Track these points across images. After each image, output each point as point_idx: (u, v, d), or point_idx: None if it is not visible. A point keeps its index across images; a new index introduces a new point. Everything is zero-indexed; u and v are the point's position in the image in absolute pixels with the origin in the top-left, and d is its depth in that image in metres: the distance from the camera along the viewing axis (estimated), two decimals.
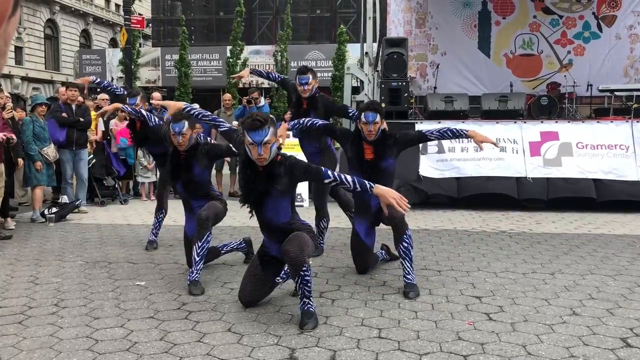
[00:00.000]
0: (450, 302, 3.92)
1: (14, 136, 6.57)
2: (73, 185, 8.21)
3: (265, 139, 3.39)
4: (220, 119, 4.23)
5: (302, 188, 8.60)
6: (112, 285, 4.37)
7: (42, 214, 7.25)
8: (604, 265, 4.94)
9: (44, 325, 3.47)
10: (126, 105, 5.46)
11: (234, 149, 4.42)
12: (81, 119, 8.03)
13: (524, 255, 5.35)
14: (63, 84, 9.21)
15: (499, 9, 11.95)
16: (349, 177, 3.62)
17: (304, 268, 3.41)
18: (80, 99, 8.32)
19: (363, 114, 4.39)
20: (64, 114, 7.87)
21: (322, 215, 5.59)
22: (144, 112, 5.41)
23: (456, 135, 4.48)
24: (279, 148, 3.61)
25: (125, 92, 6.16)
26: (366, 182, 3.61)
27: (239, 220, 7.34)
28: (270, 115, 3.87)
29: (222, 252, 4.91)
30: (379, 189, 3.55)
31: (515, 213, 7.85)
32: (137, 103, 5.66)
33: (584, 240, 6.05)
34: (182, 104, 4.42)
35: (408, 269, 4.11)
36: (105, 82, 6.47)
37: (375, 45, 10.56)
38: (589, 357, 2.93)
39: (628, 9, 11.72)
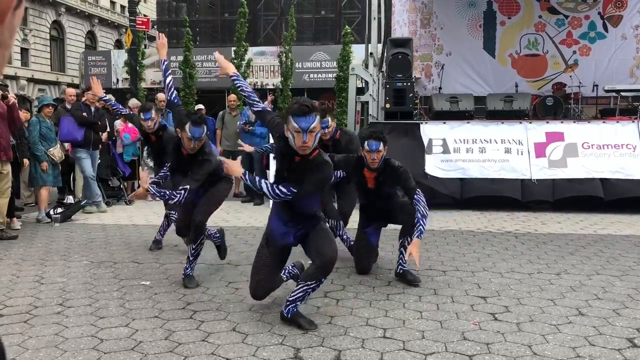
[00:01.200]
0: (456, 302, 3.90)
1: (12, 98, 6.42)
2: (95, 180, 8.18)
3: (312, 126, 3.23)
4: (256, 97, 3.80)
5: None
6: (117, 285, 4.37)
7: (48, 214, 7.27)
8: (610, 265, 4.91)
9: (49, 324, 3.48)
10: (152, 187, 4.46)
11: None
12: (99, 122, 8.13)
13: (530, 255, 5.32)
14: (69, 85, 9.27)
15: (504, 9, 11.92)
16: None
17: (326, 276, 3.46)
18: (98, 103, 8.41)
19: (366, 142, 4.27)
20: (84, 114, 7.93)
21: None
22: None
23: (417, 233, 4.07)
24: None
25: (130, 112, 6.20)
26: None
27: (244, 221, 7.35)
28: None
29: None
30: None
31: (521, 213, 7.82)
32: (153, 117, 5.38)
33: (589, 240, 6.03)
34: (231, 70, 3.96)
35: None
36: (113, 101, 6.35)
37: (380, 45, 10.55)
38: (595, 358, 2.91)
39: (634, 9, 11.67)
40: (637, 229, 6.69)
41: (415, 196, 4.16)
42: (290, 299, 3.47)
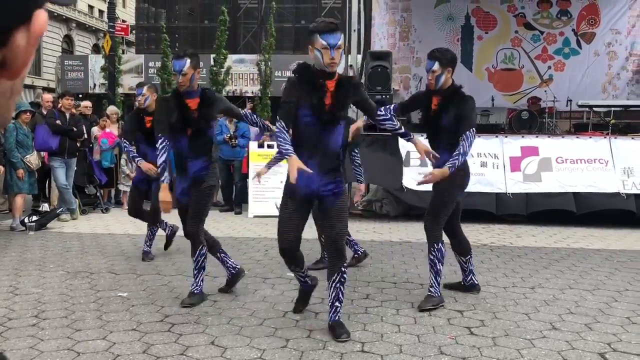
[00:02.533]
0: (433, 315, 3.95)
1: None
2: (70, 190, 8.09)
3: (339, 42, 3.34)
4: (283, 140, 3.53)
5: None
6: (93, 296, 4.33)
7: (22, 222, 7.16)
8: (582, 279, 5.02)
9: (24, 337, 3.43)
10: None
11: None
12: (74, 128, 8.02)
13: (505, 269, 5.41)
14: (44, 89, 9.17)
15: (481, 23, 12.13)
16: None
17: (345, 264, 3.57)
18: (74, 109, 8.35)
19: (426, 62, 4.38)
20: (58, 122, 7.82)
21: None
22: None
23: (403, 135, 4.10)
24: None
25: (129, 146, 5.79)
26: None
27: (222, 231, 7.32)
28: None
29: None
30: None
31: (496, 226, 7.94)
32: (144, 93, 5.55)
33: (563, 254, 6.15)
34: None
35: (431, 281, 4.22)
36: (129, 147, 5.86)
37: (360, 57, 10.64)
38: None
39: (606, 27, 11.98)
40: (608, 243, 6.85)
41: (466, 132, 4.01)
42: (329, 303, 3.58)
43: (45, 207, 7.97)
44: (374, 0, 11.70)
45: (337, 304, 3.54)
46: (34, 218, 7.23)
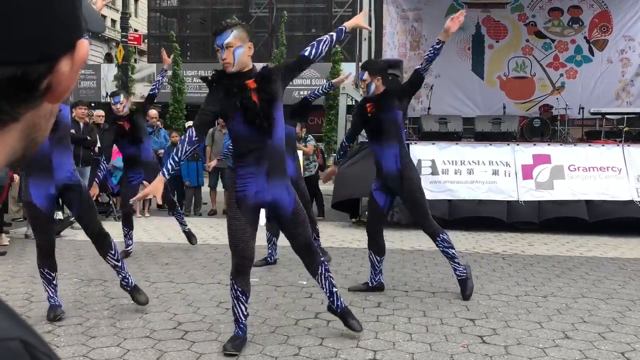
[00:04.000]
0: (445, 324, 3.95)
1: None
2: None
3: (226, 41, 3.23)
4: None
5: None
6: (107, 303, 4.37)
7: None
8: (595, 288, 4.99)
9: None
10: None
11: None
12: (88, 137, 8.13)
13: (517, 277, 5.39)
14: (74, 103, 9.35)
15: (492, 33, 12.14)
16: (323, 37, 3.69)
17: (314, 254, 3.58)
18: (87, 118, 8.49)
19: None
20: (72, 131, 7.92)
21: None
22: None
23: (436, 50, 4.49)
24: None
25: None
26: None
27: None
28: None
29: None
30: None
31: (508, 234, 7.91)
32: (122, 101, 6.20)
33: (576, 262, 6.11)
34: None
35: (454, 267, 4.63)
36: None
37: None
38: None
39: (619, 34, 11.93)
40: (622, 252, 6.80)
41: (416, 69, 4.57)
42: (327, 293, 3.62)
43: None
44: (385, 9, 11.75)
45: (334, 289, 3.61)
46: None
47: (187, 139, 3.33)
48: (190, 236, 6.77)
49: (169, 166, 3.30)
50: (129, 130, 6.15)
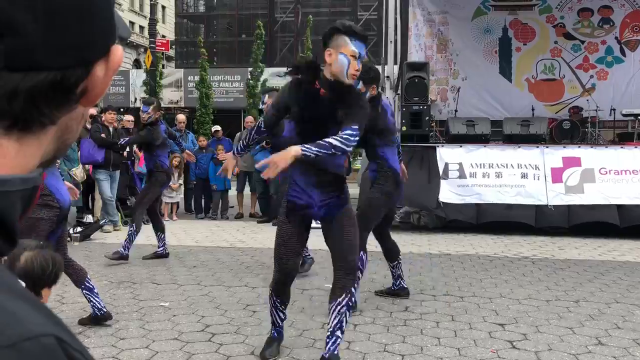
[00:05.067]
0: (474, 328, 3.90)
1: None
2: (114, 203, 8.35)
3: (364, 53, 3.00)
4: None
5: None
6: (136, 305, 4.42)
7: (68, 234, 7.37)
8: (629, 293, 4.87)
9: None
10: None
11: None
12: (118, 142, 8.28)
13: (547, 282, 5.29)
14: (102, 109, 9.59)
15: (519, 35, 11.98)
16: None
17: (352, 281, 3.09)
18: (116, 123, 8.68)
19: None
20: (103, 135, 8.08)
21: None
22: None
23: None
24: None
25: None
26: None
27: (260, 242, 7.38)
28: None
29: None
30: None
31: (537, 238, 7.77)
32: (149, 112, 6.16)
33: (608, 267, 5.98)
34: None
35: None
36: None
37: (396, 68, 10.64)
38: None
39: None
40: None
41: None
42: (329, 330, 3.06)
43: (89, 218, 8.18)
44: (411, 12, 11.69)
45: (338, 333, 3.02)
46: (79, 229, 7.44)
47: (255, 127, 3.38)
48: (159, 255, 6.31)
49: (238, 147, 3.45)
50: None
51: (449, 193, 8.18)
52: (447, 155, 8.35)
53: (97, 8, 0.49)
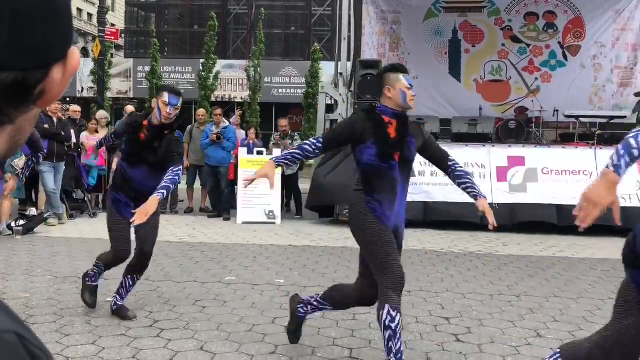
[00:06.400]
0: (420, 322, 4.00)
1: None
2: (57, 195, 8.08)
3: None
4: (304, 149, 3.27)
5: (275, 204, 8.63)
6: (82, 301, 4.32)
7: (9, 227, 7.12)
8: (567, 288, 5.10)
9: None
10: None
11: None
12: (62, 132, 8.04)
13: (491, 277, 5.48)
14: None
15: (468, 37, 12.30)
16: None
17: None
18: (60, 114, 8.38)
19: None
20: (46, 126, 7.81)
21: None
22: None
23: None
24: None
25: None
26: None
27: (210, 237, 7.32)
28: None
29: None
30: None
31: (483, 234, 8.01)
32: (178, 107, 5.01)
33: (548, 263, 6.23)
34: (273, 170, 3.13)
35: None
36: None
37: (350, 64, 10.73)
38: None
39: (592, 40, 12.19)
40: (593, 252, 6.95)
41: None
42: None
43: (32, 211, 7.91)
44: (365, 10, 11.81)
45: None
46: (21, 222, 7.19)
47: (313, 144, 3.19)
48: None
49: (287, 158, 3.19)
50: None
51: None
52: None
53: (59, 12, 0.51)
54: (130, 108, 10.26)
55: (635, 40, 12.07)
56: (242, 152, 8.94)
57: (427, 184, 8.38)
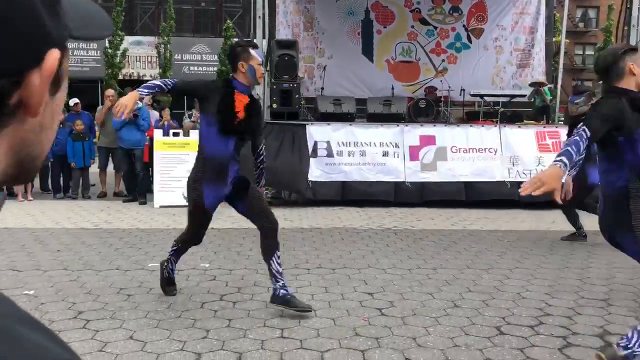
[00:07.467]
0: (346, 299, 4.16)
1: None
2: None
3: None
4: (156, 83, 3.77)
5: None
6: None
7: None
8: (478, 259, 5.47)
9: None
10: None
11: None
12: None
13: (409, 251, 5.76)
14: None
15: (380, 18, 12.56)
16: None
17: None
18: None
19: None
20: None
21: None
22: None
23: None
24: None
25: None
26: None
27: (127, 222, 7.13)
28: None
29: None
30: None
31: (398, 210, 8.36)
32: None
33: (460, 236, 6.63)
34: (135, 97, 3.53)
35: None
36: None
37: (265, 42, 10.67)
38: (470, 346, 3.30)
39: (493, 23, 12.83)
40: (499, 224, 7.45)
41: None
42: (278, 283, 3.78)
43: None
44: None
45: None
46: None
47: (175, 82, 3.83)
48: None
49: None
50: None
51: (317, 171, 8.49)
52: (316, 133, 8.63)
53: (13, 16, 0.45)
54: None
55: (532, 24, 12.84)
56: (158, 133, 8.71)
57: (344, 164, 8.59)
